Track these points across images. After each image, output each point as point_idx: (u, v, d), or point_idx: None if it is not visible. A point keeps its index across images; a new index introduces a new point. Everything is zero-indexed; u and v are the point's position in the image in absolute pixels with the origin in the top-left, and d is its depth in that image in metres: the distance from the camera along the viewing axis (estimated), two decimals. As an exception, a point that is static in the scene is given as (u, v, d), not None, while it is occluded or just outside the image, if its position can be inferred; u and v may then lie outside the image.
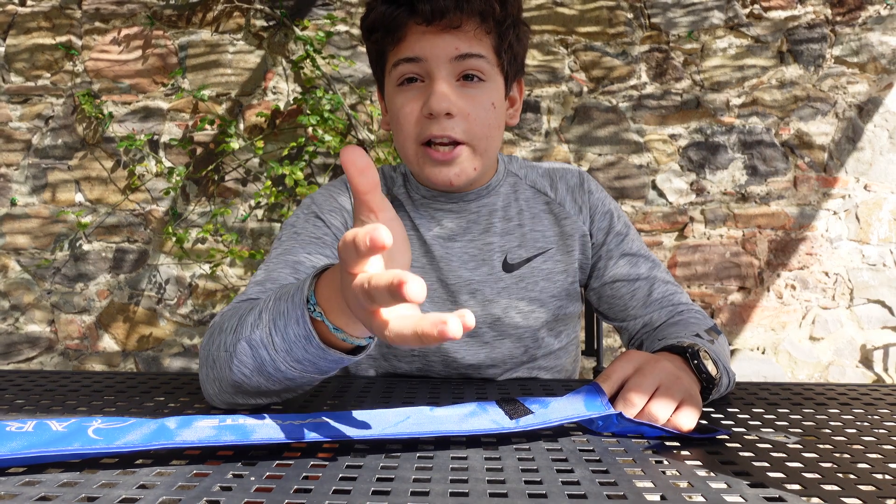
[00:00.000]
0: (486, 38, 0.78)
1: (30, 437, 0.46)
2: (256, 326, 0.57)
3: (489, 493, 0.41)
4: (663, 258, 2.35)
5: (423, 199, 0.89)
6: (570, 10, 2.33)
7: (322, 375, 0.57)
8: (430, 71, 0.77)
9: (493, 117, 0.80)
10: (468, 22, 0.76)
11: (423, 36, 0.76)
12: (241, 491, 0.42)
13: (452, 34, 0.76)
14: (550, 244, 0.89)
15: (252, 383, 0.58)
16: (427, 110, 0.76)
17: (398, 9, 0.76)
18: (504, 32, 0.79)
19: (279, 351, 0.55)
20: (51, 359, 2.41)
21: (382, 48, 0.81)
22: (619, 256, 0.90)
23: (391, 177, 0.93)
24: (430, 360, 0.88)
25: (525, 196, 0.92)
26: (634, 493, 0.41)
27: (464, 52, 0.76)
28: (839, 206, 2.33)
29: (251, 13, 2.34)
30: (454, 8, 0.74)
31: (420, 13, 0.74)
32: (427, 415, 0.53)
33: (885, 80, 2.30)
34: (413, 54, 0.76)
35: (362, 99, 2.33)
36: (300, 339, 0.53)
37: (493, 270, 0.87)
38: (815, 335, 2.36)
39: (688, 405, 0.56)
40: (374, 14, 0.79)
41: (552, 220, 0.91)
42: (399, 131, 0.81)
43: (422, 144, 0.79)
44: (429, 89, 0.77)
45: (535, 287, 0.88)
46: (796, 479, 0.45)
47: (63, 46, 2.34)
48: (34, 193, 2.38)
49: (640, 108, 2.33)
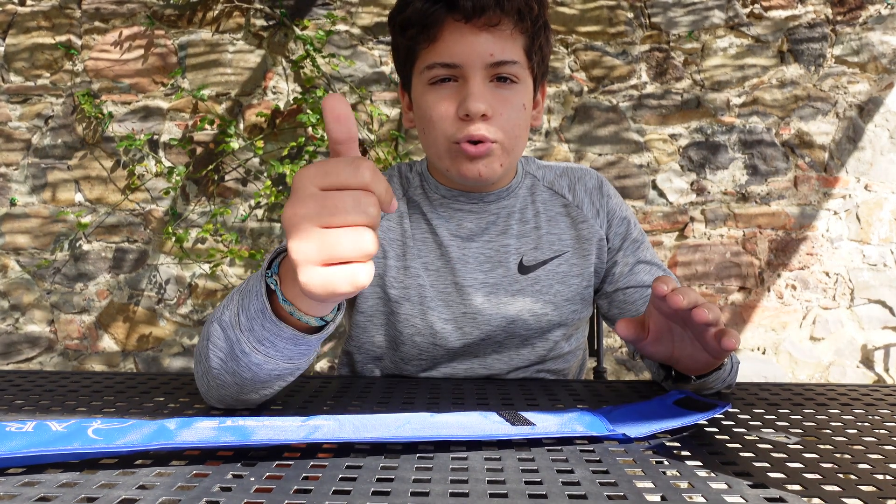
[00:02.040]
0: (521, 39, 0.78)
1: (29, 437, 0.46)
2: (227, 307, 0.58)
3: (489, 494, 0.41)
4: (664, 258, 2.35)
5: (442, 198, 0.88)
6: (571, 10, 2.32)
7: (289, 364, 0.57)
8: (466, 74, 0.76)
9: (523, 119, 0.80)
10: (506, 21, 0.75)
11: (460, 36, 0.75)
12: (241, 491, 0.42)
13: (489, 33, 0.75)
14: (567, 247, 0.89)
15: (228, 370, 0.59)
16: (464, 111, 0.76)
17: (436, 5, 0.75)
18: (536, 33, 0.79)
19: (244, 330, 0.55)
20: (50, 359, 2.41)
21: (415, 46, 0.80)
22: (636, 263, 0.90)
23: (407, 177, 0.93)
24: (438, 360, 0.88)
25: (542, 198, 0.91)
26: (634, 494, 0.41)
27: (498, 60, 0.76)
28: (840, 206, 2.33)
29: (251, 13, 2.34)
30: (494, 5, 0.73)
31: (460, 9, 0.73)
32: (428, 421, 0.53)
33: (885, 80, 2.30)
34: (450, 60, 0.76)
35: (362, 99, 2.32)
36: (258, 315, 0.53)
37: (509, 272, 0.87)
38: (816, 335, 2.36)
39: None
40: (411, 10, 0.77)
41: (569, 222, 0.90)
42: (431, 129, 0.80)
43: (455, 143, 0.78)
44: (463, 90, 0.76)
45: (549, 290, 0.87)
46: (797, 480, 0.45)
47: (63, 46, 2.34)
48: (34, 193, 2.38)
49: (640, 108, 2.33)
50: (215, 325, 0.59)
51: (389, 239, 0.88)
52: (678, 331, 0.64)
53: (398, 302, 0.86)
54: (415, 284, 0.86)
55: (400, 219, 0.89)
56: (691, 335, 0.63)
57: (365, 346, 0.91)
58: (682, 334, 0.64)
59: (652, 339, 0.65)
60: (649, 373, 0.87)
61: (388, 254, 0.87)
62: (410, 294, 0.86)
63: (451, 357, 0.88)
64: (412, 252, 0.87)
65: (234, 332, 0.56)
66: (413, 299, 0.86)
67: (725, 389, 0.75)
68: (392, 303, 0.87)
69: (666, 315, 0.62)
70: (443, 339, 0.86)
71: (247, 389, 0.60)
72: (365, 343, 0.91)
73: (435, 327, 0.86)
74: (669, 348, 0.66)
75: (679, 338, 0.65)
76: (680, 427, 0.57)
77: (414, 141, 2.33)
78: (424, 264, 0.87)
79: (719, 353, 0.60)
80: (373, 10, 2.33)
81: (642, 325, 0.65)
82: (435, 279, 0.87)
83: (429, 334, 0.86)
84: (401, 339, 0.88)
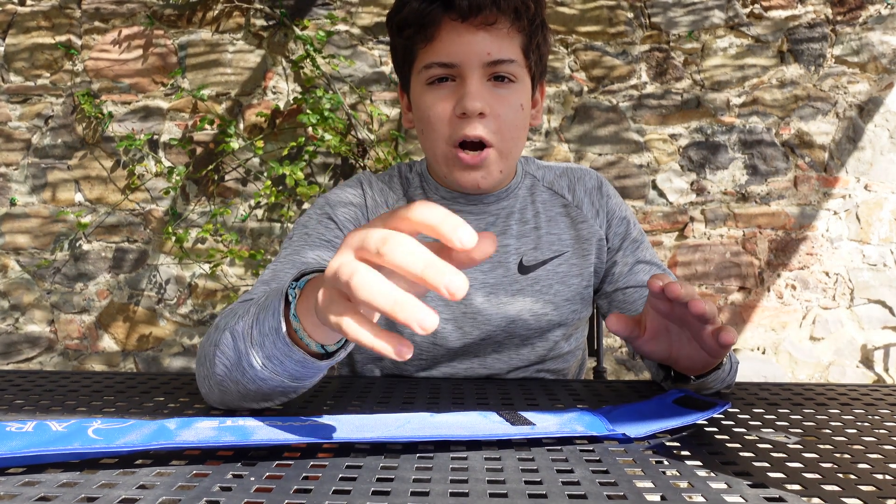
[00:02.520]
0: (518, 38, 0.78)
1: (29, 436, 0.46)
2: (242, 318, 0.57)
3: (489, 494, 0.41)
4: (664, 258, 2.35)
5: (441, 199, 0.89)
6: (571, 10, 2.32)
7: (294, 384, 0.56)
8: (463, 72, 0.77)
9: (521, 119, 0.80)
10: (502, 19, 0.76)
11: (457, 36, 0.76)
12: (241, 491, 0.42)
13: (486, 32, 0.76)
14: (566, 247, 0.89)
15: (232, 379, 0.58)
16: (460, 109, 0.76)
17: (432, 4, 0.75)
18: (534, 31, 0.79)
19: (254, 344, 0.54)
20: (50, 359, 2.41)
21: (412, 45, 0.80)
22: (635, 263, 0.90)
23: (407, 177, 0.93)
24: (438, 360, 0.88)
25: (542, 198, 0.91)
26: (634, 494, 0.41)
27: (495, 59, 0.76)
28: (840, 206, 2.33)
29: (251, 13, 2.34)
30: (491, 4, 0.74)
31: (457, 8, 0.74)
32: (428, 421, 0.53)
33: (885, 80, 2.30)
34: (448, 60, 0.76)
35: (362, 98, 2.32)
36: (271, 332, 0.52)
37: (509, 272, 0.87)
38: (816, 335, 2.36)
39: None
40: (407, 10, 0.78)
41: (569, 223, 0.90)
42: (430, 131, 0.80)
43: (453, 147, 0.78)
44: (460, 89, 0.77)
45: (549, 290, 0.87)
46: (797, 480, 0.45)
47: (63, 46, 2.34)
48: (34, 193, 2.38)
49: (640, 108, 2.33)
50: (226, 334, 0.57)
51: None
52: (675, 330, 0.64)
53: None
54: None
55: None
56: (689, 334, 0.63)
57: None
58: (679, 333, 0.64)
59: (649, 338, 0.65)
60: (649, 373, 0.87)
61: None
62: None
63: (450, 357, 0.88)
64: None
65: (244, 344, 0.55)
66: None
67: (725, 389, 0.75)
68: None
69: (663, 314, 0.62)
70: (443, 338, 0.86)
71: (249, 399, 0.60)
72: None
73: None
74: (667, 348, 0.66)
75: (676, 337, 0.65)
76: (680, 427, 0.57)
77: (414, 141, 2.33)
78: None
79: (717, 351, 0.60)
80: (373, 10, 2.33)
81: (636, 323, 0.65)
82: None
83: (429, 334, 0.86)
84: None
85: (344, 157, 2.33)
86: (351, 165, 2.34)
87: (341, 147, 2.24)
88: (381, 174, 0.93)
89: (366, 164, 2.31)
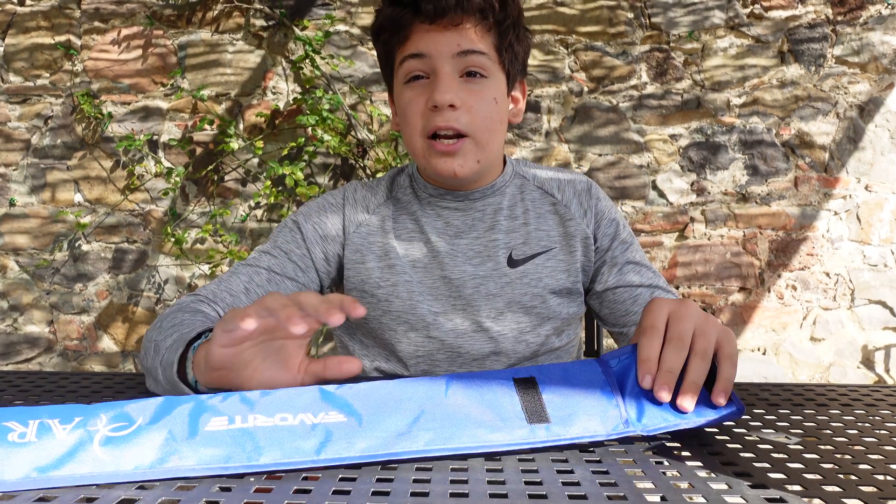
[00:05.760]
0: (487, 37, 0.82)
1: (36, 452, 0.45)
2: (158, 350, 0.67)
3: (489, 494, 0.41)
4: (664, 258, 2.35)
5: (429, 197, 0.92)
6: (571, 10, 2.32)
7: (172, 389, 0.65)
8: (435, 67, 0.81)
9: (494, 112, 0.83)
10: (469, 20, 0.80)
11: (428, 34, 0.80)
12: (241, 491, 0.41)
13: (455, 31, 0.80)
14: (554, 243, 0.91)
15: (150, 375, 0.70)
16: (432, 102, 0.80)
17: (404, 9, 0.81)
18: (504, 31, 0.83)
19: (159, 377, 0.67)
20: (50, 359, 2.41)
21: (390, 48, 0.85)
22: (624, 264, 0.92)
23: (396, 180, 0.97)
24: (435, 358, 0.90)
25: (532, 196, 0.94)
26: (635, 494, 0.41)
27: (465, 49, 0.80)
28: (840, 206, 2.33)
29: (251, 13, 2.34)
30: (455, 6, 0.78)
31: (423, 12, 0.79)
32: (441, 409, 0.51)
33: (886, 80, 2.30)
34: (418, 50, 0.81)
35: (362, 99, 2.32)
36: (170, 382, 0.64)
37: (498, 266, 0.89)
38: (816, 336, 2.35)
39: (725, 344, 0.56)
40: (382, 16, 0.84)
41: (557, 220, 0.93)
42: (406, 126, 0.84)
43: (428, 138, 0.82)
44: (433, 84, 0.81)
45: (538, 283, 0.89)
46: (797, 480, 0.45)
47: (62, 46, 2.34)
48: (33, 193, 2.38)
49: (640, 108, 2.33)
50: (151, 346, 0.70)
51: (368, 243, 0.91)
52: None
53: (388, 300, 0.89)
54: (402, 281, 0.89)
55: (381, 222, 0.92)
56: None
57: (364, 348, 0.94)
58: None
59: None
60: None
61: (367, 258, 0.90)
62: (399, 291, 0.88)
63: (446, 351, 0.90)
64: (396, 251, 0.90)
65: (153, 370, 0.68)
66: (402, 295, 0.88)
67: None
68: (381, 302, 0.89)
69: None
70: (436, 329, 0.88)
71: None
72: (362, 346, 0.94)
73: (426, 320, 0.88)
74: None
75: None
76: (694, 426, 0.55)
77: (414, 141, 2.32)
78: (412, 262, 0.90)
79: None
80: (372, 10, 2.33)
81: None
82: (423, 275, 0.89)
83: (422, 327, 0.88)
84: (396, 337, 0.89)
85: (344, 158, 2.33)
86: (351, 166, 2.34)
87: (341, 147, 2.24)
88: (370, 181, 0.98)
89: (366, 165, 2.31)
